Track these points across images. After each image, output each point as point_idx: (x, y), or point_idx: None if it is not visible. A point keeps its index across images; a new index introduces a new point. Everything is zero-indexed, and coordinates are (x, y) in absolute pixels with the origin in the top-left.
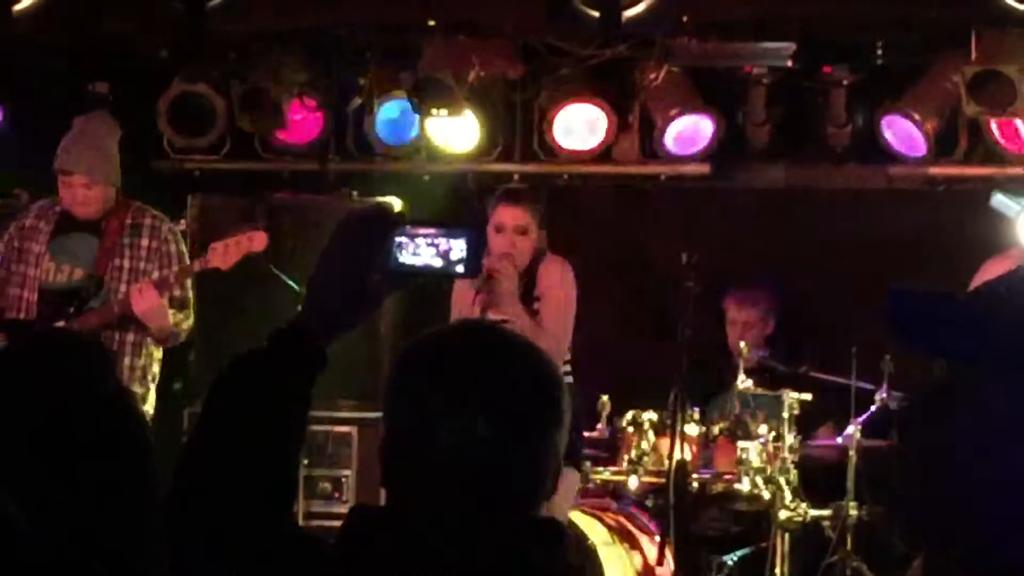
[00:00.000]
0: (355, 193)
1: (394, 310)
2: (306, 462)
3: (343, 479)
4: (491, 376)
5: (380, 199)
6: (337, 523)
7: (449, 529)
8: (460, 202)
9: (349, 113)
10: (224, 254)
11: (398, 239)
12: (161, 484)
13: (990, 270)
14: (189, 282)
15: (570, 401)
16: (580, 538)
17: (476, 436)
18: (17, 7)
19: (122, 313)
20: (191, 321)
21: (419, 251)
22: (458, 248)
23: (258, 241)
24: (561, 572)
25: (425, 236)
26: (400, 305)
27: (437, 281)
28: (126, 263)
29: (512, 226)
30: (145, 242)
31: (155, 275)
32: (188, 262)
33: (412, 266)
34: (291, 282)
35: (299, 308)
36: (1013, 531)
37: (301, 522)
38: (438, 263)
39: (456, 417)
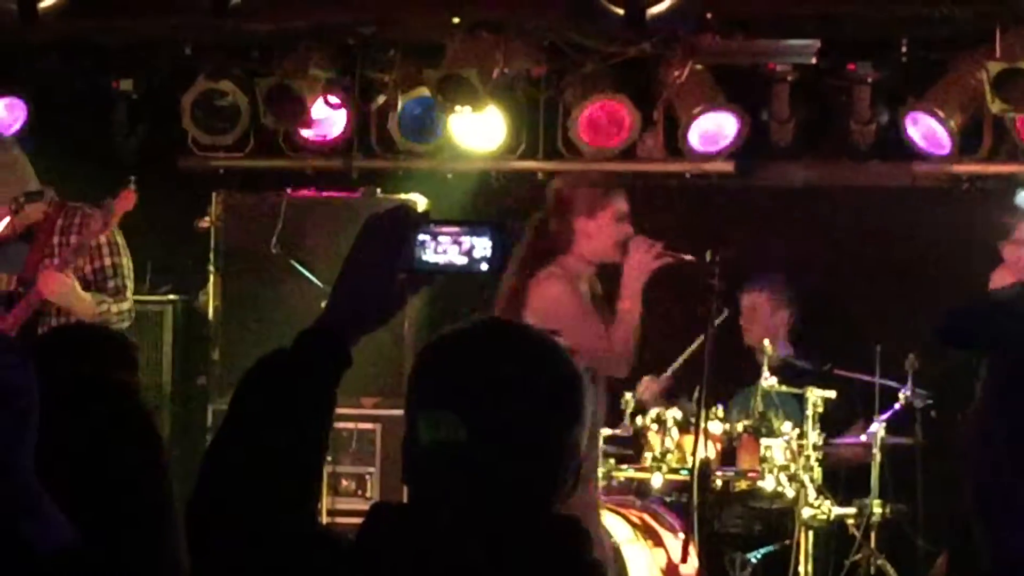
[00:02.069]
0: (379, 191)
1: (418, 308)
2: (330, 459)
3: (367, 476)
4: (508, 373)
5: (404, 197)
6: (360, 520)
7: (468, 526)
8: (484, 199)
9: (373, 111)
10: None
11: (422, 237)
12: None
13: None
14: (117, 264)
15: (591, 398)
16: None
17: (494, 433)
18: (42, 4)
19: (40, 301)
20: (127, 304)
21: (443, 249)
22: (481, 246)
23: (126, 200)
24: (582, 569)
25: (448, 234)
26: (424, 303)
27: (461, 279)
28: (56, 261)
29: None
30: (74, 239)
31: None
32: (123, 253)
33: (436, 264)
34: (314, 279)
35: (324, 307)
36: None
37: (325, 519)
38: (462, 261)
39: (473, 414)
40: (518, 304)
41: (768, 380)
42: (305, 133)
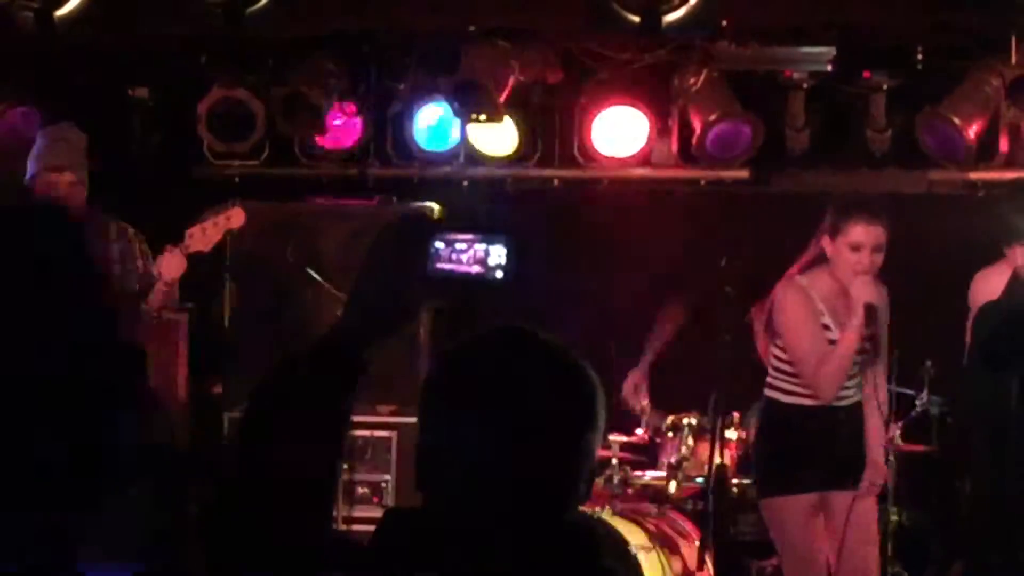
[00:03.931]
0: (394, 199)
1: (433, 315)
2: (346, 467)
3: (383, 484)
4: (523, 381)
5: (419, 204)
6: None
7: (482, 532)
8: (500, 207)
9: (389, 118)
10: (203, 237)
11: (436, 245)
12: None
13: (989, 280)
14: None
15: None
16: (620, 543)
17: (508, 440)
18: (59, 12)
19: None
20: None
21: (457, 257)
22: (496, 254)
23: (236, 217)
24: (596, 574)
25: (463, 242)
26: (440, 310)
27: (475, 287)
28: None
29: (871, 244)
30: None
31: None
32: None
33: (451, 272)
34: (330, 287)
35: (340, 314)
36: None
37: (340, 527)
38: (476, 269)
39: (488, 421)
40: None
41: None
42: (320, 141)
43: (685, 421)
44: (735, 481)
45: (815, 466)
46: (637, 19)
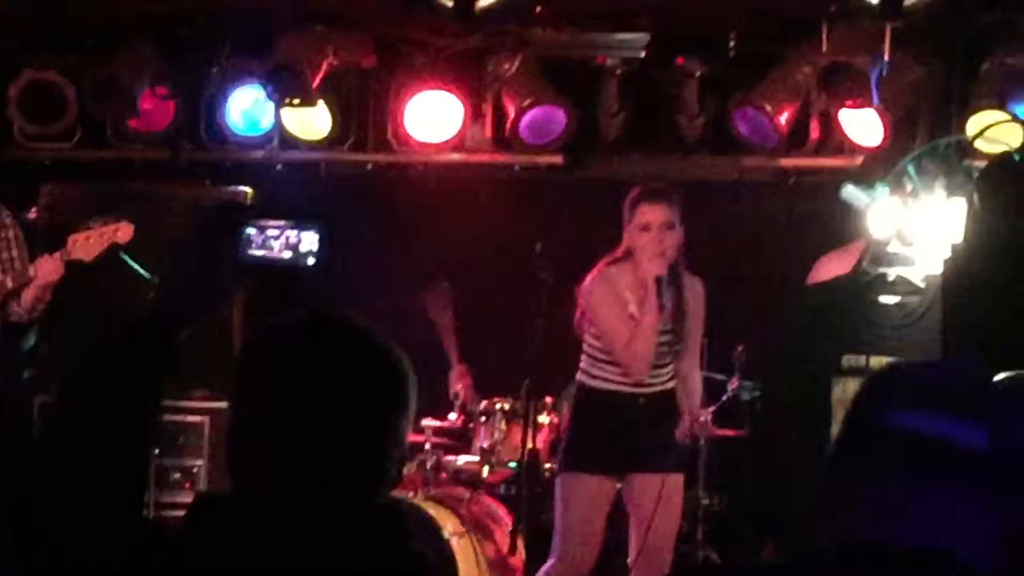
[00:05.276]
0: (208, 182)
1: (246, 300)
2: (157, 452)
3: (195, 469)
4: (331, 364)
5: (232, 189)
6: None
7: (291, 515)
8: (314, 192)
9: (203, 102)
10: (86, 246)
11: (248, 231)
12: None
13: (831, 263)
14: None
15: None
16: (433, 528)
17: (315, 423)
18: None
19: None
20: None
21: (269, 243)
22: (308, 240)
23: (124, 232)
24: (404, 558)
25: (275, 228)
26: (252, 295)
27: (287, 273)
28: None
29: (658, 223)
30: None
31: None
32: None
33: (262, 258)
34: (142, 271)
35: (152, 299)
36: None
37: (152, 513)
38: (288, 255)
39: (295, 404)
40: None
41: None
42: (134, 124)
43: (498, 406)
44: (547, 466)
45: (612, 448)
46: (451, 4)
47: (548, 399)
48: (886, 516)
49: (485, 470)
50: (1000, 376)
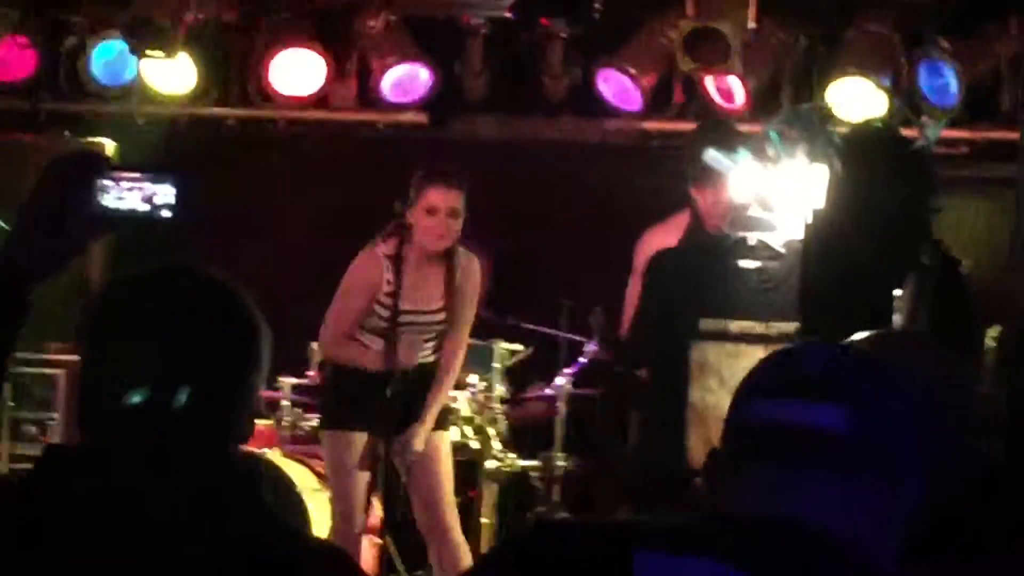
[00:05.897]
0: (67, 134)
1: (104, 253)
2: (12, 405)
3: (49, 422)
4: (182, 315)
5: (90, 140)
6: None
7: (142, 467)
8: (174, 145)
9: (63, 52)
10: None
11: (102, 183)
12: None
13: (654, 239)
14: None
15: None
16: (287, 484)
17: (165, 375)
18: None
19: None
20: None
21: (124, 196)
22: (164, 193)
23: None
24: (255, 510)
25: (131, 180)
26: (110, 249)
27: (143, 226)
28: None
29: (446, 209)
30: None
31: None
32: None
33: (116, 210)
34: (1, 223)
35: (3, 250)
36: None
37: (6, 465)
38: (143, 208)
39: (144, 355)
40: None
41: None
42: None
43: None
44: None
45: (363, 410)
46: None
47: None
48: (747, 496)
49: None
50: (855, 336)
